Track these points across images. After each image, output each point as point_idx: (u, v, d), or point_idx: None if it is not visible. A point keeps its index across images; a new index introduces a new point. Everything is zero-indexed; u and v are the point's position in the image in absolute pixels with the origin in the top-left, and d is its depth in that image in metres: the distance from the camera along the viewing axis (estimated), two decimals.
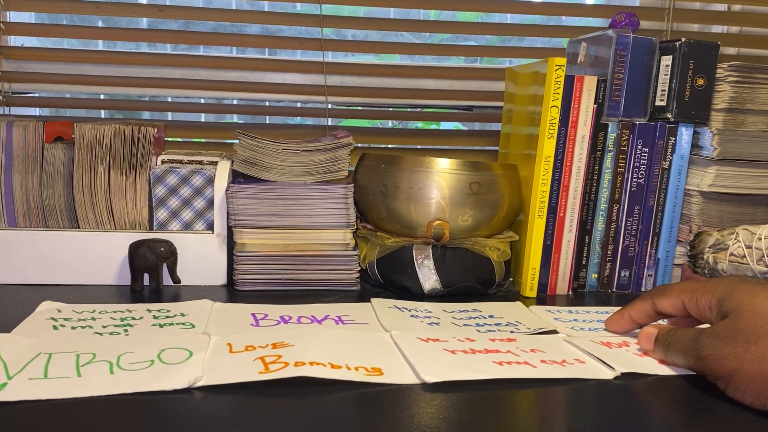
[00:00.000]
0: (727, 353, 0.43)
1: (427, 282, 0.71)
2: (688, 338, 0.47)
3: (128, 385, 0.44)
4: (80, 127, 0.72)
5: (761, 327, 0.42)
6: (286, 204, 0.72)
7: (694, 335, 0.47)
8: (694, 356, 0.46)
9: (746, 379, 0.42)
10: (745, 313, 0.44)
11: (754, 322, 0.43)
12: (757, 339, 0.42)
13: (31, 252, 0.71)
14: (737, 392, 0.43)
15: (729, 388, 0.44)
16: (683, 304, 0.51)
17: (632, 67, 0.76)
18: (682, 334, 0.49)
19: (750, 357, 0.42)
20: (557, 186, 0.75)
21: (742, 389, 0.43)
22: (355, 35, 1.13)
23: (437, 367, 0.49)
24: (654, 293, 0.54)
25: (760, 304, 0.44)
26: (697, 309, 0.50)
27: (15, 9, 0.96)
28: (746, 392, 0.43)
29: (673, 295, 0.52)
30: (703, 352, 0.45)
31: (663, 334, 0.51)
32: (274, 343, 0.53)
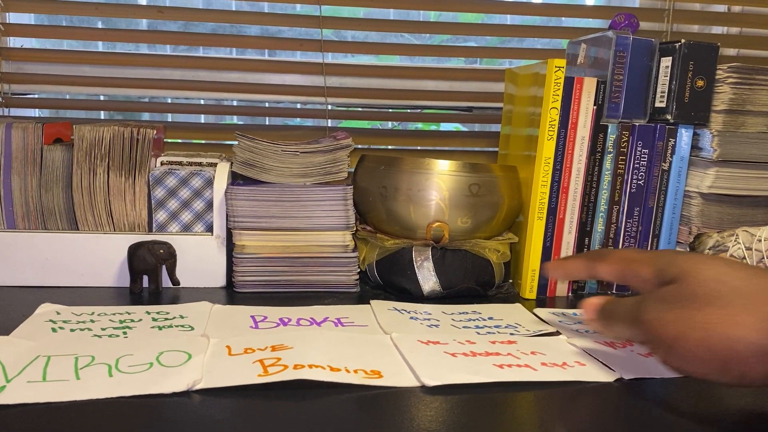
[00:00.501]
0: (672, 318, 0.41)
1: (426, 284, 0.71)
2: (630, 303, 0.45)
3: (127, 388, 0.44)
4: (79, 129, 0.72)
5: (707, 293, 0.40)
6: (285, 206, 0.72)
7: (638, 300, 0.45)
8: (636, 320, 0.44)
9: (689, 347, 0.40)
10: (690, 279, 0.42)
11: (699, 288, 0.41)
12: (702, 306, 0.40)
13: (30, 254, 0.71)
14: (678, 360, 0.41)
15: (670, 355, 0.42)
16: (621, 272, 0.49)
17: (632, 68, 0.76)
18: (625, 300, 0.47)
19: (695, 324, 0.40)
20: (557, 187, 0.75)
21: (683, 356, 0.40)
22: (355, 36, 1.13)
23: (437, 370, 0.49)
24: (594, 255, 0.52)
25: (704, 271, 0.42)
26: (636, 279, 0.48)
27: (14, 10, 0.96)
28: (687, 360, 0.40)
29: (614, 263, 0.50)
30: (647, 315, 0.42)
31: (606, 302, 0.49)
32: (273, 345, 0.53)
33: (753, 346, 0.38)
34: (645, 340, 0.44)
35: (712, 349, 0.39)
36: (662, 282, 0.44)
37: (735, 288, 0.40)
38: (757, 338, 0.38)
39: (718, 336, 0.39)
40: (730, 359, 0.39)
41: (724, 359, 0.39)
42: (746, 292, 0.40)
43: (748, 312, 0.39)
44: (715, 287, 0.40)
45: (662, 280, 0.44)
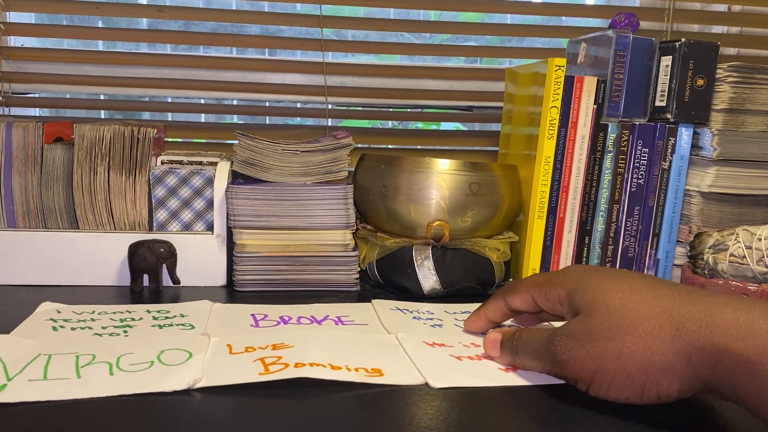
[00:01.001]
0: (585, 354, 0.43)
1: (426, 283, 0.71)
2: (539, 340, 0.46)
3: (128, 387, 0.44)
4: (80, 128, 0.72)
5: (615, 323, 0.42)
6: (285, 205, 0.72)
7: (547, 337, 0.46)
8: (550, 360, 0.45)
9: (608, 378, 0.42)
10: (598, 310, 0.43)
11: (608, 319, 0.42)
12: (613, 336, 0.42)
13: (30, 253, 0.71)
14: (600, 391, 0.43)
15: (592, 388, 0.43)
16: (533, 299, 0.50)
17: (632, 67, 0.76)
18: (531, 335, 0.48)
19: (609, 356, 0.42)
20: (557, 186, 0.75)
21: (605, 388, 0.42)
22: (355, 36, 1.13)
23: (443, 373, 0.49)
24: (505, 290, 0.54)
25: (611, 299, 0.43)
26: (548, 303, 0.49)
27: (15, 9, 0.96)
28: (609, 390, 0.42)
29: (523, 291, 0.51)
30: (561, 356, 0.44)
31: (508, 338, 0.49)
32: (273, 344, 0.53)
33: (664, 370, 0.40)
34: (563, 377, 0.46)
35: (629, 377, 0.41)
36: (573, 306, 0.46)
37: (640, 314, 0.42)
38: (665, 361, 0.40)
39: (632, 364, 0.41)
40: (647, 383, 0.41)
41: (641, 384, 0.41)
42: (649, 316, 0.41)
43: (655, 337, 0.41)
44: (621, 314, 0.42)
45: (572, 305, 0.46)
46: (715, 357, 0.38)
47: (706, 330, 0.39)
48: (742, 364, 0.37)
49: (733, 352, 0.37)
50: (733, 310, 0.39)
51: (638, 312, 0.42)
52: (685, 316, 0.40)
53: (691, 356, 0.39)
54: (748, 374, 0.37)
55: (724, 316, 0.39)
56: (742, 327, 0.38)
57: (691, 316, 0.40)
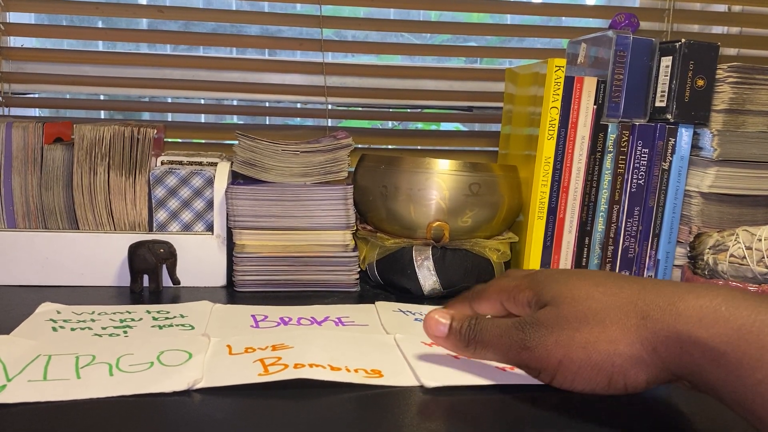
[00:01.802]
0: (553, 342, 0.42)
1: (426, 283, 0.71)
2: (503, 327, 0.45)
3: (128, 387, 0.44)
4: (80, 128, 0.72)
5: (582, 312, 0.42)
6: (285, 205, 0.72)
7: (514, 325, 0.44)
8: (517, 347, 0.43)
9: (574, 369, 0.41)
10: (564, 301, 0.43)
11: (574, 308, 0.42)
12: (580, 325, 0.41)
13: (30, 253, 0.71)
14: (565, 381, 0.42)
15: (557, 378, 0.43)
16: (502, 305, 0.49)
17: (632, 68, 0.76)
18: (492, 323, 0.46)
19: (576, 345, 0.41)
20: (557, 187, 0.75)
21: (571, 378, 0.42)
22: (355, 36, 1.13)
23: (438, 372, 0.49)
24: (471, 296, 0.52)
25: (577, 290, 0.43)
26: (517, 307, 0.48)
27: (15, 10, 0.96)
28: (575, 380, 0.42)
29: (491, 297, 0.50)
30: (530, 343, 0.43)
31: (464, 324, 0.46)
32: (273, 344, 0.53)
33: (631, 359, 0.40)
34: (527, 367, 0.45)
35: (596, 367, 0.41)
36: (539, 304, 0.45)
37: (605, 304, 0.42)
38: (631, 351, 0.40)
39: (598, 353, 0.41)
40: (614, 373, 0.41)
41: (608, 374, 0.41)
42: (615, 306, 0.41)
43: (621, 327, 0.40)
44: (587, 305, 0.42)
45: (540, 302, 0.45)
46: (679, 345, 0.38)
47: (670, 318, 0.38)
48: (707, 353, 0.37)
49: (696, 340, 0.37)
50: (696, 297, 0.38)
51: (603, 302, 0.42)
52: (649, 305, 0.40)
53: (656, 345, 0.39)
54: (714, 362, 0.36)
55: (688, 304, 0.38)
56: (705, 314, 0.37)
57: (655, 304, 0.40)
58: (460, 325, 0.47)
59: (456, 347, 0.47)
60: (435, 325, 0.48)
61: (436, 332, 0.48)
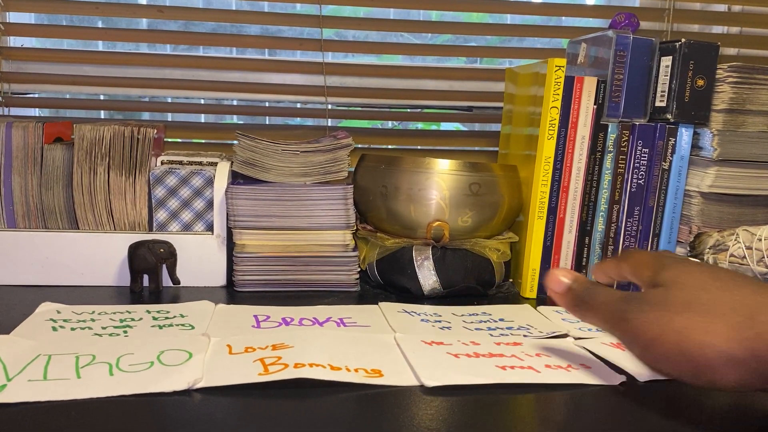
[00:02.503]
0: (652, 319, 0.42)
1: (426, 283, 0.71)
2: (613, 296, 0.45)
3: (128, 387, 0.44)
4: (80, 128, 0.72)
5: (689, 300, 0.41)
6: (285, 205, 0.72)
7: (622, 297, 0.45)
8: (617, 316, 0.44)
9: (664, 350, 0.41)
10: (678, 284, 0.43)
11: (684, 293, 0.42)
12: (682, 311, 0.41)
13: (30, 253, 0.71)
14: (653, 361, 0.42)
15: (645, 355, 0.42)
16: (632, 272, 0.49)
17: (632, 67, 0.76)
18: (605, 290, 0.47)
19: (672, 327, 0.41)
20: (557, 187, 0.75)
21: (659, 358, 0.41)
22: (355, 36, 1.13)
23: (438, 371, 0.49)
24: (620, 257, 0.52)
25: (693, 278, 0.43)
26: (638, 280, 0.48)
27: (15, 10, 0.96)
28: (662, 362, 0.41)
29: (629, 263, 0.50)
30: (630, 315, 0.43)
31: (579, 284, 0.48)
32: (273, 344, 0.53)
33: (723, 355, 0.39)
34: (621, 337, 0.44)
35: (685, 354, 0.40)
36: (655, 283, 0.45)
37: (717, 297, 0.41)
38: (727, 347, 0.39)
39: (691, 341, 0.40)
40: (701, 365, 0.40)
41: (695, 364, 0.40)
42: (726, 301, 0.40)
43: (724, 321, 0.40)
44: (697, 294, 0.41)
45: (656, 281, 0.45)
46: None
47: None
48: None
49: None
50: None
51: (714, 295, 0.41)
52: (760, 307, 0.39)
53: (757, 348, 0.38)
54: None
55: None
56: None
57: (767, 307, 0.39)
58: (577, 286, 0.48)
59: (568, 305, 0.49)
60: (556, 282, 0.49)
61: (555, 287, 0.49)
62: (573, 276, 0.49)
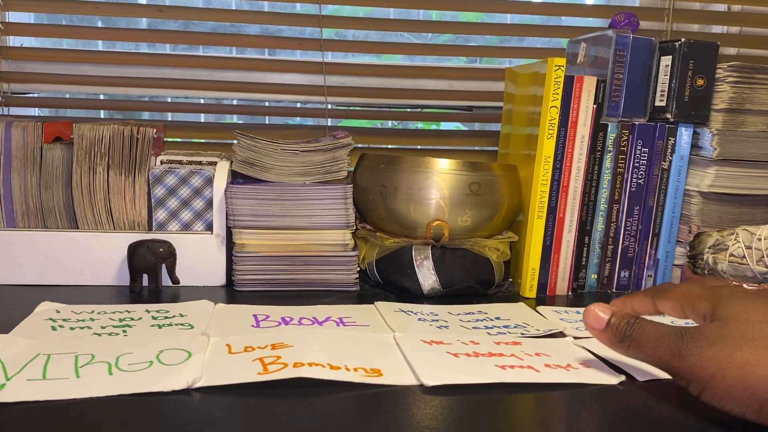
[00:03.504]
0: (710, 355, 0.41)
1: (426, 282, 0.71)
2: (663, 331, 0.44)
3: (127, 386, 0.44)
4: (79, 128, 0.72)
5: (751, 334, 0.40)
6: (285, 204, 0.72)
7: (674, 330, 0.44)
8: (671, 353, 0.42)
9: (725, 386, 0.40)
10: (738, 320, 0.41)
11: (744, 328, 0.41)
12: (744, 346, 0.40)
13: (29, 252, 0.71)
14: (714, 398, 0.41)
15: (705, 392, 0.41)
16: (682, 309, 0.48)
17: (632, 67, 0.76)
18: (652, 325, 0.45)
19: (733, 363, 0.40)
20: (557, 186, 0.75)
21: (720, 395, 0.40)
22: (355, 35, 1.13)
23: (437, 370, 0.49)
24: (655, 292, 0.52)
25: (755, 311, 0.42)
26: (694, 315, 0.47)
27: (14, 9, 0.96)
28: (724, 399, 0.40)
29: (674, 298, 0.49)
30: (685, 351, 0.41)
31: (621, 320, 0.46)
32: (273, 344, 0.53)
33: None
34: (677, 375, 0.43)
35: (748, 390, 0.39)
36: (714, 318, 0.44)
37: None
38: None
39: (755, 377, 0.39)
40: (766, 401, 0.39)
41: (760, 401, 0.39)
42: None
43: None
44: (759, 328, 0.40)
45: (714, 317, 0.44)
46: None
47: None
48: None
49: None
50: None
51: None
52: None
53: None
54: None
55: None
56: None
57: None
58: (618, 321, 0.46)
59: (610, 341, 0.46)
60: (594, 318, 0.47)
61: (594, 324, 0.47)
62: (612, 310, 0.47)
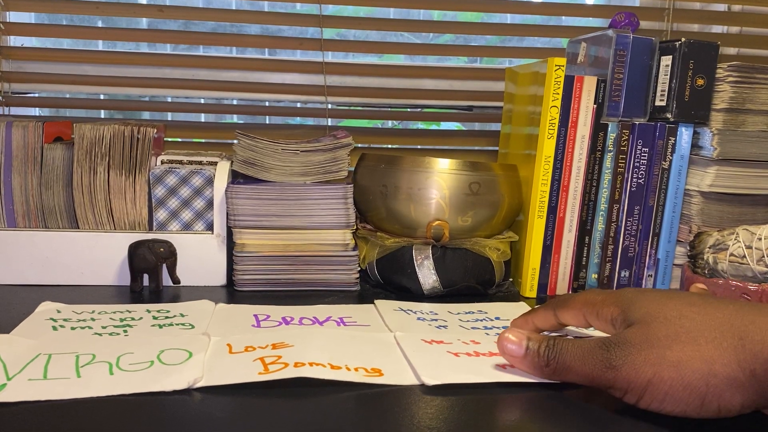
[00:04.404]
0: (642, 360, 0.40)
1: (426, 282, 0.71)
2: (587, 347, 0.43)
3: (128, 386, 0.44)
4: (80, 128, 0.72)
5: (674, 331, 0.40)
6: (285, 204, 0.72)
7: (597, 343, 0.43)
8: (601, 366, 0.42)
9: (665, 389, 0.40)
10: (657, 320, 0.41)
11: (666, 327, 0.41)
12: (671, 344, 0.40)
13: (30, 252, 0.71)
14: (653, 402, 0.40)
15: (644, 398, 0.41)
16: (584, 317, 0.48)
17: (632, 67, 0.76)
18: (574, 343, 0.44)
19: (667, 363, 0.39)
20: (557, 186, 0.75)
21: (660, 399, 0.40)
22: (356, 35, 1.13)
23: (437, 370, 0.49)
24: (556, 303, 0.51)
25: (669, 309, 0.42)
26: (599, 321, 0.46)
27: (15, 9, 0.96)
28: (665, 401, 0.40)
29: (575, 307, 0.48)
30: (616, 362, 0.41)
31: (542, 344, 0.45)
32: (273, 343, 0.53)
33: (726, 380, 0.38)
34: (612, 387, 0.43)
35: (688, 387, 0.39)
36: (627, 323, 0.43)
37: (699, 323, 0.40)
38: (729, 372, 0.38)
39: (692, 373, 0.39)
40: (707, 394, 0.39)
41: (701, 395, 0.39)
42: (711, 325, 0.40)
43: (716, 346, 0.39)
44: (680, 324, 0.41)
45: (627, 320, 0.43)
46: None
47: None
48: None
49: None
50: None
51: (697, 321, 0.40)
52: (748, 326, 0.38)
53: (755, 368, 0.38)
54: None
55: None
56: None
57: (755, 325, 0.38)
58: (537, 346, 0.45)
59: (533, 368, 0.46)
60: (509, 345, 0.46)
61: (511, 352, 0.46)
62: (526, 334, 0.46)
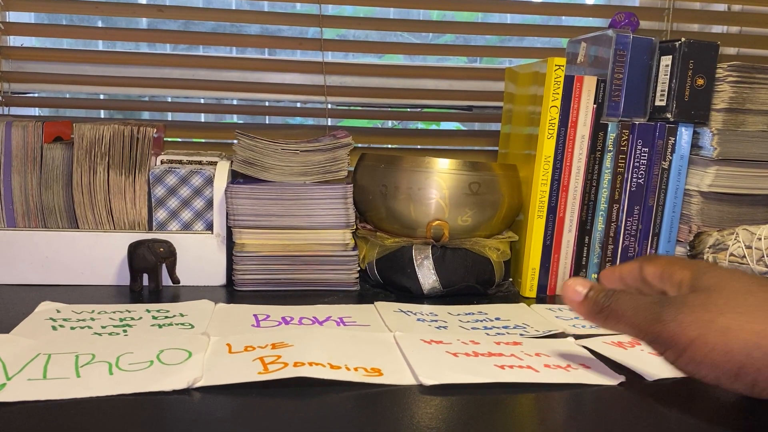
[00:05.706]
0: (691, 320, 0.40)
1: (426, 282, 0.71)
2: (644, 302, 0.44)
3: (127, 386, 0.44)
4: (79, 128, 0.72)
5: (734, 303, 0.40)
6: (285, 204, 0.72)
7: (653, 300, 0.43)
8: (651, 319, 0.42)
9: (705, 350, 0.39)
10: (721, 290, 0.41)
11: (727, 297, 0.41)
12: (726, 312, 0.40)
13: (30, 252, 0.71)
14: (691, 363, 0.40)
15: (682, 358, 0.41)
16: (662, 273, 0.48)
17: (632, 67, 0.76)
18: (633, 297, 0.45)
19: (715, 327, 0.39)
20: (557, 186, 0.75)
21: (698, 360, 0.40)
22: (355, 35, 1.13)
23: (436, 370, 0.49)
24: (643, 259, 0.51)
25: (738, 284, 0.42)
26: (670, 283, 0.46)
27: (14, 9, 0.96)
28: (701, 364, 0.40)
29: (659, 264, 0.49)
30: (666, 316, 0.41)
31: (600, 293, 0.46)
32: (273, 343, 0.53)
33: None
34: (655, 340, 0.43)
35: (729, 354, 0.39)
36: (692, 288, 0.44)
37: (763, 300, 0.40)
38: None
39: (737, 341, 0.39)
40: (745, 365, 0.39)
41: (739, 365, 0.39)
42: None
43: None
44: (743, 297, 0.40)
45: (693, 286, 0.44)
46: None
47: None
48: None
49: None
50: None
51: (760, 298, 0.40)
52: None
53: None
54: None
55: None
56: None
57: None
58: (596, 294, 0.46)
59: (588, 314, 0.47)
60: (572, 291, 0.47)
61: (572, 297, 0.47)
62: (590, 284, 0.48)
